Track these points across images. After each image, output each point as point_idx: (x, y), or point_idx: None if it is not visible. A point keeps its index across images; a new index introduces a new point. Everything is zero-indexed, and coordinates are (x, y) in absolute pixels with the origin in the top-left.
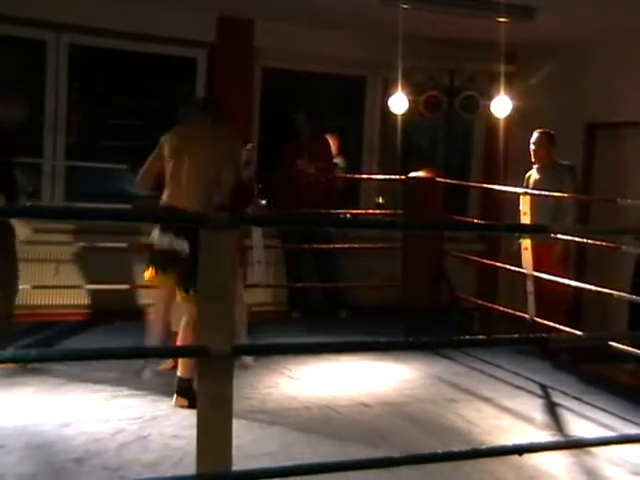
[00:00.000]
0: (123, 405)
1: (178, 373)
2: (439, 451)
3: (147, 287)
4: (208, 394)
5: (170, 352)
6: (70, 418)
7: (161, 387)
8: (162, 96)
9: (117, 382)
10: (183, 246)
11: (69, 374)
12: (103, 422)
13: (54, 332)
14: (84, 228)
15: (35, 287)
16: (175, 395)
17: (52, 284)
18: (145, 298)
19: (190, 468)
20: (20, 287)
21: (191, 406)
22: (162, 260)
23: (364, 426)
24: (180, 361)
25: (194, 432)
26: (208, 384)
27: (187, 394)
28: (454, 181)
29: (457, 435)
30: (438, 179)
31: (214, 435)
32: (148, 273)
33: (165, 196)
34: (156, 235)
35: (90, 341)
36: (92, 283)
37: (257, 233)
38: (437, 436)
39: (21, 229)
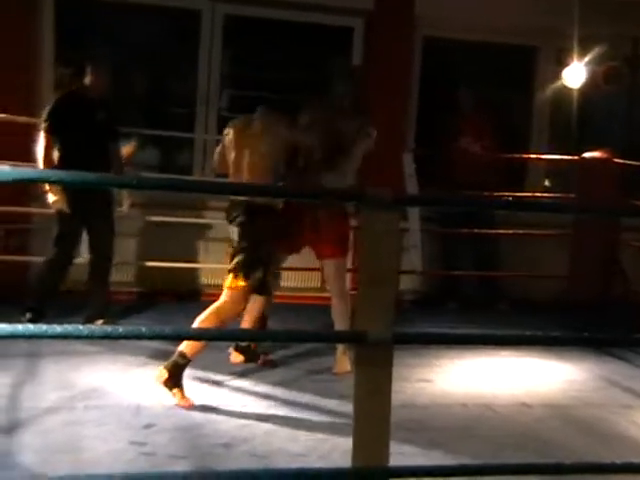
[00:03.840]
0: (269, 392)
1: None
2: (617, 461)
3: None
4: (366, 383)
5: (327, 337)
6: (216, 402)
7: (309, 374)
8: (318, 68)
9: (264, 367)
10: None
11: (216, 356)
12: (249, 408)
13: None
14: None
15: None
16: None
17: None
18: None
19: (340, 461)
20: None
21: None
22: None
23: (524, 429)
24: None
25: (344, 422)
26: (366, 373)
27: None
28: (635, 162)
29: (632, 445)
30: (616, 160)
31: (371, 427)
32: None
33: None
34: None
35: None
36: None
37: (414, 215)
38: (607, 444)
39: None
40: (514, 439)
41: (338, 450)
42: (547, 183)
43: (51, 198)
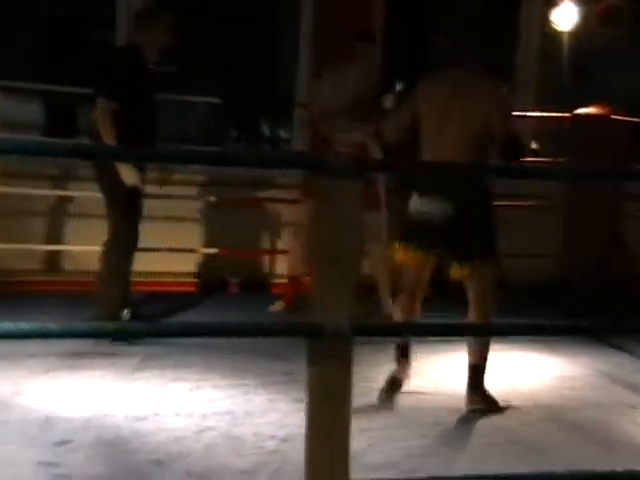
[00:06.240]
0: (210, 397)
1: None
2: (618, 469)
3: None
4: (321, 385)
5: (273, 331)
6: (146, 411)
7: (257, 376)
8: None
9: (204, 367)
10: (442, 209)
11: (144, 356)
12: (186, 417)
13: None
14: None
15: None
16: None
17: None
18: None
19: (292, 478)
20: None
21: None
22: (420, 233)
23: (512, 435)
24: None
25: (297, 432)
26: (321, 372)
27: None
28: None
29: (637, 451)
30: (616, 117)
31: (327, 437)
32: (402, 251)
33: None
34: (415, 201)
35: (199, 316)
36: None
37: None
38: (609, 451)
39: (127, 172)
40: (499, 447)
41: (291, 465)
42: (534, 146)
43: (126, 174)
